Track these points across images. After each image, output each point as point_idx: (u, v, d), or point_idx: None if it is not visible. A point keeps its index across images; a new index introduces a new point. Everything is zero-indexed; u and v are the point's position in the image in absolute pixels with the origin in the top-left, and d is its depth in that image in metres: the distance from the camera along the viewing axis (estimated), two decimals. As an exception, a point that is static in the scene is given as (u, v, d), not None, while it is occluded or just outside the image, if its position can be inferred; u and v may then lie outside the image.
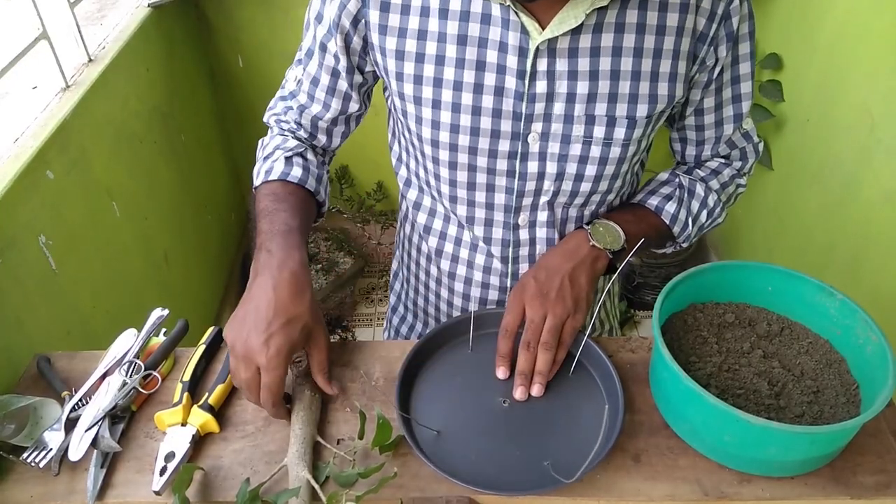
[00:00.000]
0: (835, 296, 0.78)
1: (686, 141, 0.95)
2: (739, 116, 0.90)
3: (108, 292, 1.42)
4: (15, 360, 0.96)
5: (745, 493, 0.71)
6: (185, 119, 1.97)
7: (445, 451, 0.74)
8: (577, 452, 0.73)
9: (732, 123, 0.91)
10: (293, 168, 0.90)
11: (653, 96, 0.81)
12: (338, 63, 0.87)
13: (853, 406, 0.73)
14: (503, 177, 0.86)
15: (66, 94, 1.37)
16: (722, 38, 0.81)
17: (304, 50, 0.90)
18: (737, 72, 0.86)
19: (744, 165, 0.98)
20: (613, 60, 0.78)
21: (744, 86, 0.88)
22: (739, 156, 0.97)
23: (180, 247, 1.88)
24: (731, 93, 0.88)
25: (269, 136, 0.96)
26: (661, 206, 0.92)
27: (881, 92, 1.48)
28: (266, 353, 0.71)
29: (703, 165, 0.97)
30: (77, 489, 0.73)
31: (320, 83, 0.90)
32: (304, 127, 0.94)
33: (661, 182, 0.95)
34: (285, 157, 0.91)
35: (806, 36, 1.81)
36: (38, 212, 1.18)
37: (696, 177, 0.95)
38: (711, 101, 0.88)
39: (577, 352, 0.82)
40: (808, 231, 1.81)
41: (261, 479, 0.72)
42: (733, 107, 0.89)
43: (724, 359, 0.78)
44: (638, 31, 0.77)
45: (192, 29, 2.06)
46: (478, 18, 0.78)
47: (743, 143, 0.95)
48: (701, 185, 0.94)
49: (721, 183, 0.96)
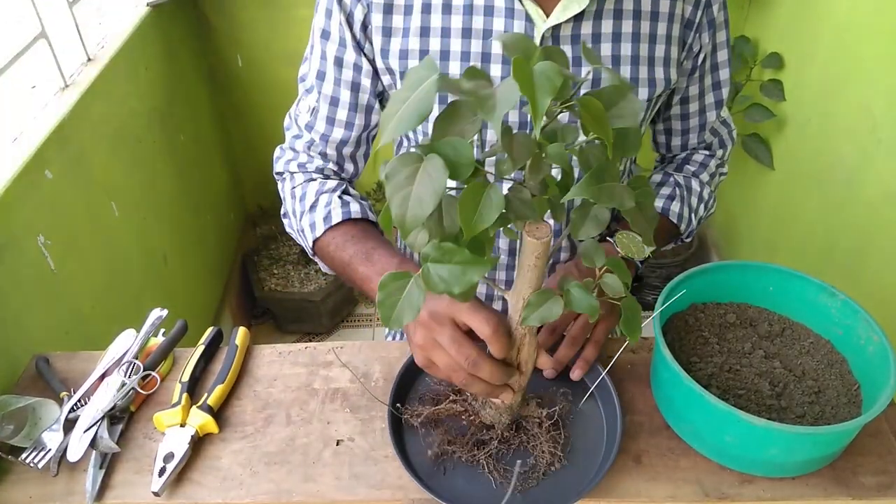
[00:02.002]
0: (836, 296, 0.78)
1: (671, 132, 0.97)
2: (720, 103, 0.94)
3: (106, 292, 1.42)
4: (13, 360, 0.96)
5: (746, 493, 0.71)
6: (185, 119, 1.97)
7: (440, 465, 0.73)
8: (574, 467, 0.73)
9: (714, 110, 0.94)
10: (351, 205, 0.87)
11: (651, 80, 0.83)
12: (359, 73, 0.85)
13: (854, 406, 0.73)
14: None
15: (64, 93, 1.36)
16: (705, 24, 0.84)
17: (314, 75, 0.87)
18: (716, 59, 0.90)
19: (724, 153, 1.01)
20: (614, 46, 0.80)
21: (722, 73, 0.91)
22: (719, 144, 1.00)
23: (179, 247, 1.88)
24: (712, 80, 0.92)
25: (294, 185, 0.91)
26: (666, 206, 0.93)
27: (883, 92, 1.48)
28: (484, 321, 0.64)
29: (690, 160, 0.99)
30: (76, 490, 0.73)
31: (341, 101, 0.87)
32: (330, 158, 0.91)
33: (658, 184, 0.97)
34: (338, 196, 0.88)
35: (807, 35, 1.81)
36: (36, 212, 1.17)
37: (688, 173, 0.98)
38: (696, 89, 0.91)
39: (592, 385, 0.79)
40: (809, 231, 1.81)
41: (260, 480, 0.72)
42: (714, 94, 0.93)
43: (725, 359, 0.78)
44: (634, 17, 0.80)
45: (191, 28, 2.06)
46: (481, 11, 0.78)
47: (723, 130, 0.99)
48: (695, 180, 0.97)
49: (710, 174, 0.99)
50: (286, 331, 2.35)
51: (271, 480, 0.73)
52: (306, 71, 0.89)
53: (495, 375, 0.64)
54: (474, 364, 0.63)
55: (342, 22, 0.82)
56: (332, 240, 0.85)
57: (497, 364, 0.64)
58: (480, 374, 0.64)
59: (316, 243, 0.88)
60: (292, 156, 0.92)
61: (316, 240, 0.87)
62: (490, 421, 0.73)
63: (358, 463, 0.74)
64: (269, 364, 0.87)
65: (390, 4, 0.80)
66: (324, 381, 0.84)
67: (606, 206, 0.52)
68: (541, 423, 0.71)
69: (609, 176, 0.51)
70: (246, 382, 0.84)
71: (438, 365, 0.66)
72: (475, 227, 0.48)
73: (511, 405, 0.71)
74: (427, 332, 0.66)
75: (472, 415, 0.74)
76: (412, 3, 0.80)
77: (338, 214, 0.86)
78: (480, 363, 0.63)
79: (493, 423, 0.73)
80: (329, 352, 0.87)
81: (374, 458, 0.75)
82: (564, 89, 0.47)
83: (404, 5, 0.80)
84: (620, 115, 0.51)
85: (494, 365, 0.64)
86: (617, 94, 0.52)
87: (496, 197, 0.49)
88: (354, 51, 0.84)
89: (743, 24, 2.14)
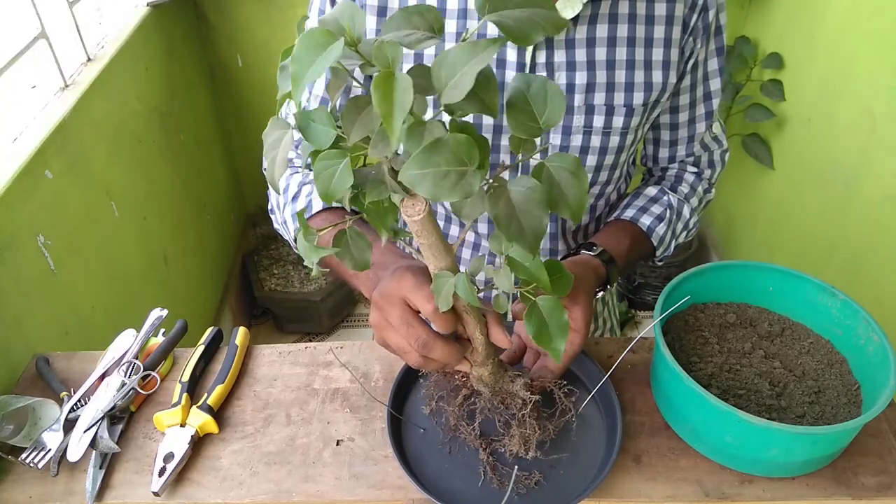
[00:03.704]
0: (836, 296, 0.78)
1: (658, 143, 0.95)
2: (710, 114, 0.92)
3: (106, 292, 1.42)
4: (13, 360, 0.96)
5: (746, 493, 0.71)
6: (185, 118, 1.97)
7: (437, 461, 0.73)
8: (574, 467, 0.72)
9: (704, 122, 0.92)
10: None
11: (648, 84, 0.82)
12: None
13: (854, 406, 0.73)
14: (506, 172, 0.86)
15: (64, 93, 1.36)
16: (699, 29, 0.83)
17: None
18: (707, 68, 0.88)
19: (712, 175, 0.99)
20: (609, 50, 0.79)
21: (713, 83, 0.89)
22: (708, 164, 0.98)
23: (179, 247, 1.88)
24: (703, 90, 0.89)
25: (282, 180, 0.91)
26: (652, 227, 0.91)
27: (883, 91, 1.48)
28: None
29: (682, 180, 0.97)
30: (76, 490, 0.73)
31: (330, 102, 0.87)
32: None
33: (651, 199, 0.94)
34: None
35: (807, 35, 1.81)
36: (36, 212, 1.17)
37: (681, 195, 0.95)
38: (687, 99, 0.90)
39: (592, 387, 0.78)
40: (809, 231, 1.81)
41: (260, 480, 0.72)
42: (704, 105, 0.91)
43: (725, 359, 0.78)
44: (630, 21, 0.79)
45: (191, 28, 2.06)
46: (475, 15, 0.78)
47: (714, 147, 0.96)
48: (686, 205, 0.95)
49: (698, 200, 0.98)
50: (286, 331, 2.35)
51: (271, 480, 0.73)
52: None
53: (446, 354, 0.63)
54: (424, 345, 0.62)
55: None
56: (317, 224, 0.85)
57: (448, 342, 0.63)
58: (432, 354, 0.63)
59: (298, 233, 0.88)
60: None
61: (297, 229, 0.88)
62: (476, 387, 0.71)
63: (358, 463, 0.74)
64: (269, 364, 0.87)
65: (384, 7, 0.80)
66: (324, 381, 0.84)
67: (450, 198, 0.48)
68: (524, 405, 0.69)
69: (448, 155, 0.48)
70: (246, 382, 0.84)
71: (391, 345, 0.65)
72: (330, 195, 0.51)
73: (480, 377, 0.68)
74: (379, 312, 0.65)
75: (464, 376, 0.72)
76: (406, 7, 0.79)
77: (318, 204, 0.86)
78: (430, 344, 0.62)
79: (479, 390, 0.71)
80: (329, 352, 0.87)
81: (373, 458, 0.75)
82: None
83: (399, 8, 0.80)
84: (454, 88, 0.48)
85: (445, 344, 0.63)
86: (465, 53, 0.48)
87: (346, 170, 0.50)
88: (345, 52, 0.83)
89: (743, 24, 2.14)
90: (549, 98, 0.52)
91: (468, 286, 0.57)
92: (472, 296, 0.57)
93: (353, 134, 0.51)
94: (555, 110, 0.52)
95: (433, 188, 0.48)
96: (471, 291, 0.57)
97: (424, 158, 0.47)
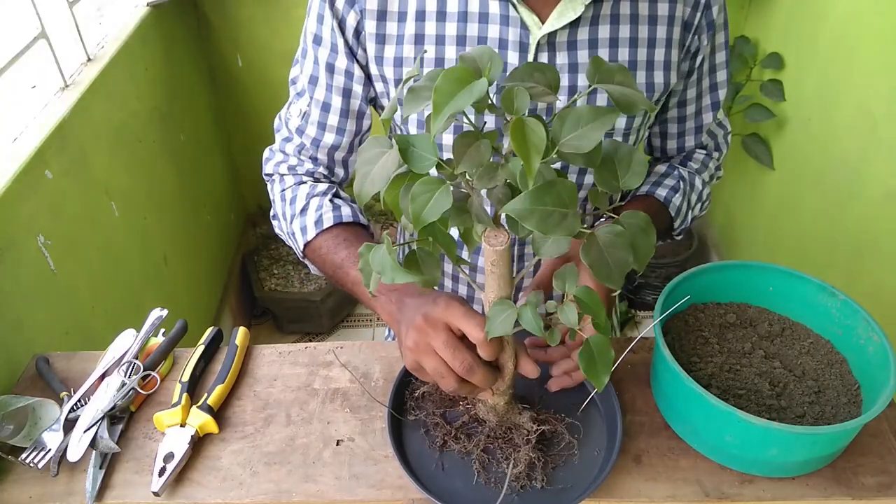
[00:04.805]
0: (836, 296, 0.78)
1: (667, 135, 0.96)
2: (717, 105, 0.93)
3: (106, 292, 1.42)
4: (13, 360, 0.96)
5: (746, 493, 0.71)
6: (185, 119, 1.97)
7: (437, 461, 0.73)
8: (574, 467, 0.72)
9: (711, 112, 0.93)
10: (342, 208, 0.87)
11: (650, 84, 0.82)
12: (351, 79, 0.85)
13: (854, 406, 0.73)
14: None
15: (64, 93, 1.36)
16: (703, 26, 0.83)
17: (305, 79, 0.87)
18: (714, 61, 0.89)
19: (720, 156, 1.01)
20: (611, 52, 0.79)
21: (720, 74, 0.90)
22: (715, 147, 1.00)
23: (179, 247, 1.88)
24: (710, 82, 0.91)
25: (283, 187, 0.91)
26: (668, 197, 0.92)
27: (883, 91, 1.48)
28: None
29: (692, 157, 0.98)
30: (76, 490, 0.73)
31: (332, 107, 0.87)
32: (321, 163, 0.91)
33: (662, 174, 0.95)
34: (329, 200, 0.87)
35: (807, 35, 1.81)
36: (36, 212, 1.17)
37: (692, 169, 0.97)
38: (693, 92, 0.91)
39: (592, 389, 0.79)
40: (809, 231, 1.81)
41: (260, 480, 0.72)
42: (711, 95, 0.92)
43: (725, 359, 0.78)
44: (632, 22, 0.79)
45: (191, 28, 2.06)
46: (476, 18, 0.78)
47: (719, 132, 0.98)
48: (698, 178, 0.96)
49: (709, 175, 0.99)
50: (286, 331, 2.35)
51: (271, 480, 0.73)
52: (297, 74, 0.89)
53: (486, 380, 0.65)
54: (469, 369, 0.64)
55: (334, 27, 0.81)
56: (323, 243, 0.85)
57: (489, 368, 0.66)
58: (473, 379, 0.65)
59: (307, 247, 0.88)
60: (282, 158, 0.92)
61: (307, 243, 0.87)
62: (483, 416, 0.73)
63: (358, 463, 0.74)
64: (269, 364, 0.87)
65: (384, 11, 0.80)
66: (324, 381, 0.84)
67: (553, 234, 0.53)
68: (528, 439, 0.71)
69: (555, 197, 0.52)
70: (246, 382, 0.84)
71: (427, 369, 0.66)
72: (422, 219, 0.53)
73: (495, 406, 0.71)
74: (421, 335, 0.66)
75: (469, 404, 0.74)
76: (406, 10, 0.79)
77: (329, 218, 0.86)
78: (475, 368, 0.64)
79: (484, 419, 0.73)
80: (329, 352, 0.87)
81: (373, 458, 0.75)
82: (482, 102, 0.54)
83: (398, 12, 0.80)
84: (578, 140, 0.54)
85: (487, 370, 0.65)
86: (591, 114, 0.55)
87: (444, 196, 0.53)
88: (346, 57, 0.83)
89: (743, 24, 2.14)
90: (632, 164, 0.58)
91: (535, 317, 0.60)
92: (538, 328, 0.60)
93: (462, 165, 0.55)
94: (635, 175, 0.58)
95: (540, 224, 0.51)
96: (536, 323, 0.60)
97: (536, 196, 0.52)
